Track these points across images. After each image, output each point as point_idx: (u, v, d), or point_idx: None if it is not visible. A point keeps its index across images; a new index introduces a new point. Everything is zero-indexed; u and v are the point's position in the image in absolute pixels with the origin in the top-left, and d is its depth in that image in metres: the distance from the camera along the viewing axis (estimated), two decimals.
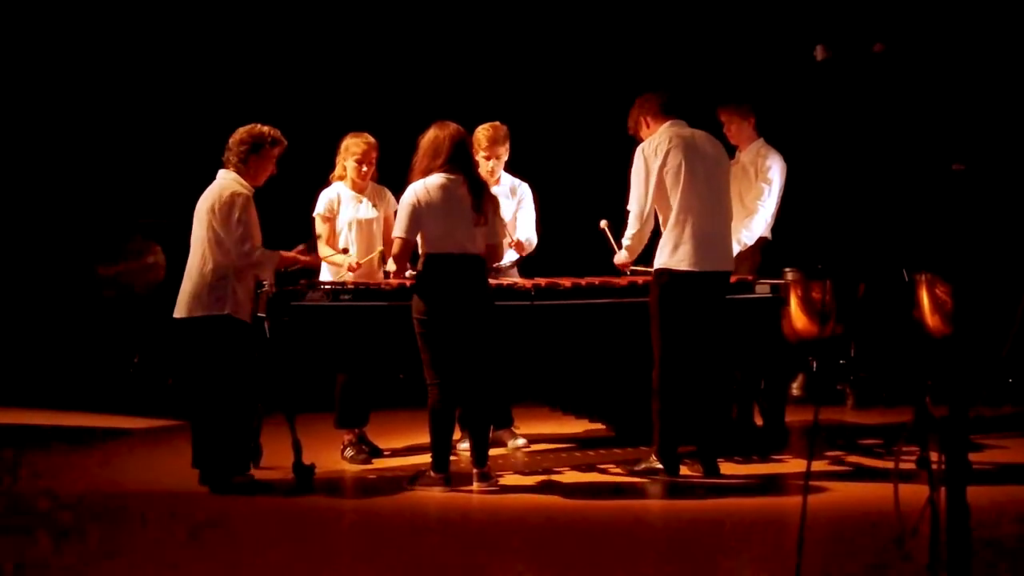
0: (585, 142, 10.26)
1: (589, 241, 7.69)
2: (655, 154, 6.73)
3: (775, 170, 7.81)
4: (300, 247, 6.82)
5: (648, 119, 6.89)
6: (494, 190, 7.26)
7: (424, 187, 6.49)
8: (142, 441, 8.31)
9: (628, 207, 6.84)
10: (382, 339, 6.83)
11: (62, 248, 10.56)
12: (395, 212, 7.20)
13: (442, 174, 6.51)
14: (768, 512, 6.09)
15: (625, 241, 6.91)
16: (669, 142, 6.74)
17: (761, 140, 7.91)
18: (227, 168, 6.59)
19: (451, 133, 6.56)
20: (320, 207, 7.42)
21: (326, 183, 7.49)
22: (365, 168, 7.38)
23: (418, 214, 6.47)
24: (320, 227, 7.39)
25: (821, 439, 7.68)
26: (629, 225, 6.85)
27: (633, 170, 6.80)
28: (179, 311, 6.52)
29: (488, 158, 7.47)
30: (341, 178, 7.46)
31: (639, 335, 6.81)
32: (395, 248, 6.53)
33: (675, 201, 6.70)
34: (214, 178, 6.61)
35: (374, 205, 7.44)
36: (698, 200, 6.71)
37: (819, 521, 5.32)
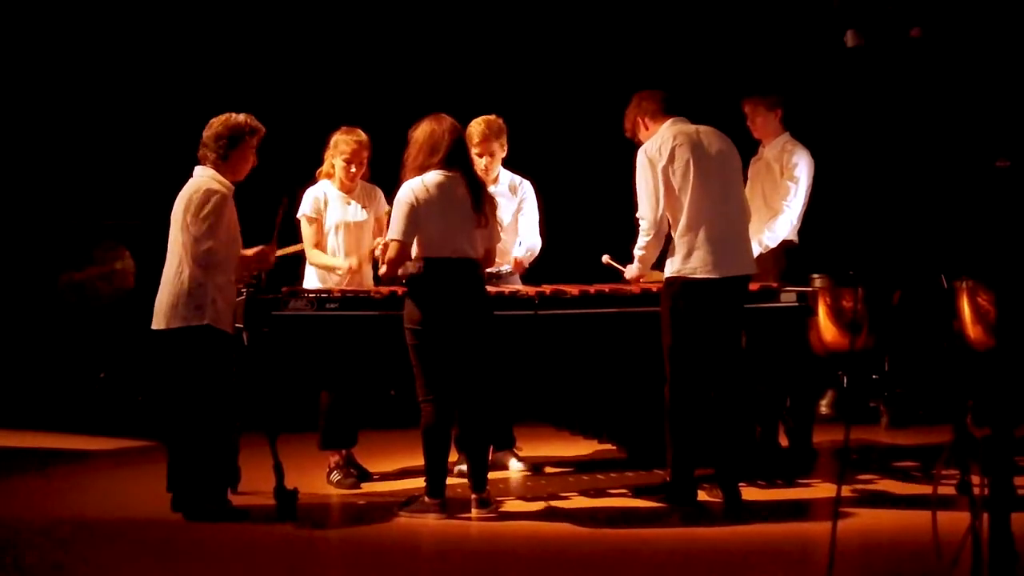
0: (592, 136, 10.25)
1: (597, 245, 7.69)
2: (659, 154, 6.74)
3: (802, 167, 7.81)
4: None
5: (646, 120, 6.91)
6: (492, 189, 7.27)
7: (423, 185, 6.48)
8: (109, 464, 8.31)
9: (638, 214, 6.85)
10: (372, 352, 6.83)
11: (21, 253, 10.56)
12: (387, 214, 7.22)
13: (440, 171, 6.50)
14: (794, 542, 6.09)
15: (637, 251, 6.90)
16: (673, 140, 6.74)
17: (787, 134, 7.92)
18: (204, 164, 6.58)
19: (449, 127, 6.56)
20: (306, 207, 7.42)
21: (312, 180, 7.49)
22: (354, 169, 7.37)
23: (416, 215, 6.45)
24: (306, 229, 7.40)
25: (852, 462, 7.68)
26: (641, 234, 6.84)
27: (638, 176, 6.80)
28: (156, 322, 6.52)
29: (481, 155, 7.44)
30: (329, 176, 7.46)
31: (653, 347, 6.81)
32: (390, 252, 6.51)
33: (685, 203, 6.70)
34: (190, 175, 6.61)
35: (364, 207, 7.44)
36: (710, 200, 6.72)
37: (850, 552, 5.32)
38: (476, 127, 7.43)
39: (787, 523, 6.45)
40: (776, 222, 7.74)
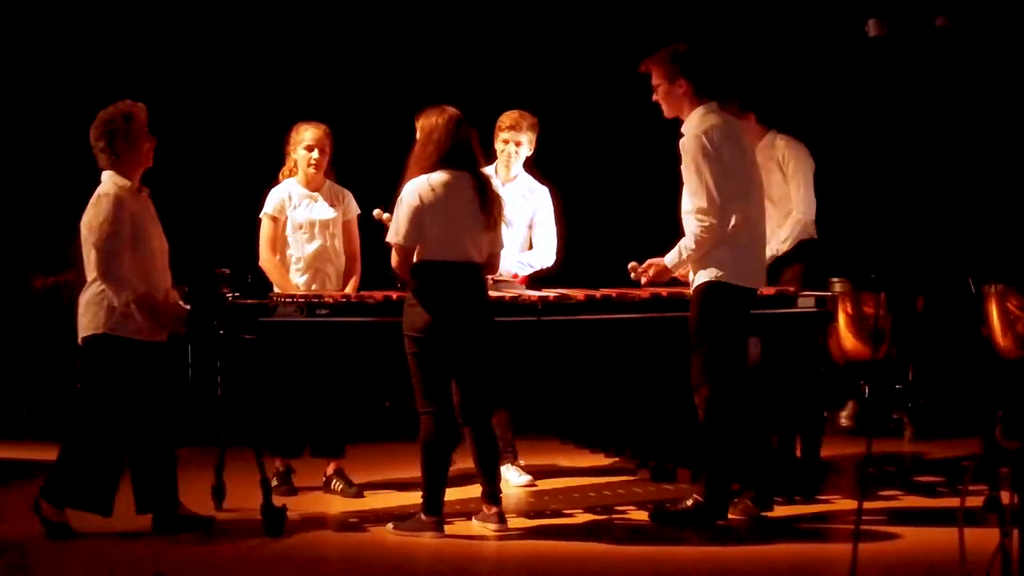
0: (597, 133, 10.29)
1: (605, 247, 7.71)
2: (714, 141, 6.56)
3: (799, 163, 7.81)
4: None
5: (691, 92, 6.72)
6: (508, 188, 7.30)
7: (428, 184, 6.46)
8: None
9: (696, 208, 6.58)
10: (365, 360, 6.85)
11: None
12: (356, 218, 7.50)
13: (446, 171, 6.50)
14: (813, 561, 6.13)
15: (684, 247, 6.64)
16: (723, 129, 6.64)
17: (773, 132, 7.91)
18: (106, 168, 6.62)
19: (456, 121, 6.53)
20: (268, 206, 7.47)
21: (275, 181, 7.55)
22: (317, 155, 7.42)
23: (420, 216, 6.43)
24: (266, 227, 7.42)
25: (874, 476, 7.70)
26: (695, 224, 6.59)
27: (695, 162, 6.57)
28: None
29: (507, 141, 7.63)
30: (292, 173, 7.52)
31: (663, 355, 6.83)
32: (393, 259, 6.54)
33: (734, 201, 6.59)
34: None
35: (331, 205, 7.50)
36: (752, 203, 6.70)
37: (872, 571, 5.34)
38: (509, 114, 7.65)
39: (806, 541, 6.48)
40: (788, 227, 7.74)
